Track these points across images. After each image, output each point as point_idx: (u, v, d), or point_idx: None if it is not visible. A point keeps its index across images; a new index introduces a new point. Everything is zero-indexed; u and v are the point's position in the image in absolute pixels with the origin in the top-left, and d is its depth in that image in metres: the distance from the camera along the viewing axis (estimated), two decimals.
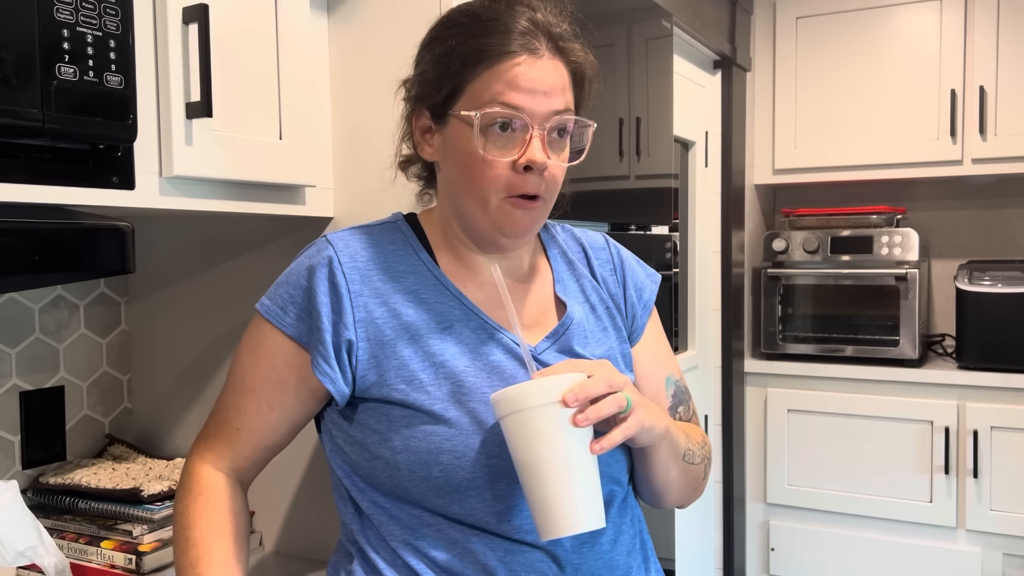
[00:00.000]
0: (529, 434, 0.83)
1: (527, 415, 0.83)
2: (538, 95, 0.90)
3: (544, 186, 0.93)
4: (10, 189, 0.90)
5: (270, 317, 0.96)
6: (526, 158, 0.90)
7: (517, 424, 0.84)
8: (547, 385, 0.84)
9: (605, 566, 0.95)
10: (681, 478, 1.02)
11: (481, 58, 0.90)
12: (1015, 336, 2.60)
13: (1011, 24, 2.69)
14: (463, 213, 0.96)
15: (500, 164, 0.91)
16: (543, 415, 0.83)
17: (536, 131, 0.90)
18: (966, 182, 3.06)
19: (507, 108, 0.89)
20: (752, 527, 3.00)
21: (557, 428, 0.83)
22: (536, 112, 0.90)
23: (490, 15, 0.92)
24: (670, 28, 1.95)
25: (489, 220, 0.94)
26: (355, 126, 1.36)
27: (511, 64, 0.90)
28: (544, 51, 0.91)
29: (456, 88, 0.92)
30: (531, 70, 0.90)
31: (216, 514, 0.96)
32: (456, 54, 0.92)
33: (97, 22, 0.91)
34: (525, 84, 0.89)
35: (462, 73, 0.91)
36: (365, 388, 0.94)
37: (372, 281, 0.95)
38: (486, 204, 0.93)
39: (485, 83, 0.90)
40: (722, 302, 2.89)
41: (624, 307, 1.08)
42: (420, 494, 0.91)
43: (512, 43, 0.90)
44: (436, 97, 0.94)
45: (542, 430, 0.83)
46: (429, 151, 0.98)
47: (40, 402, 1.45)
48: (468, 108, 0.91)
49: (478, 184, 0.92)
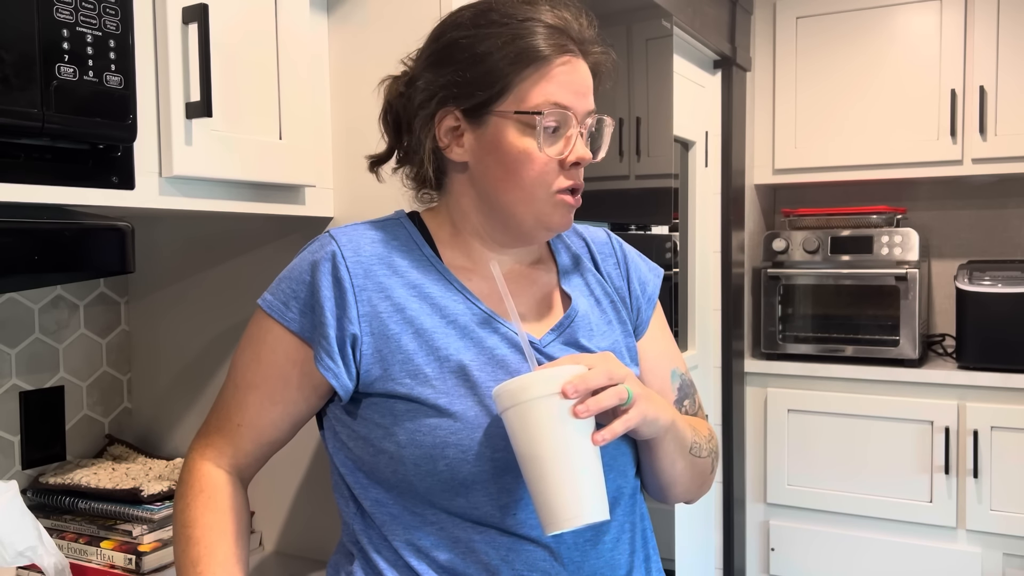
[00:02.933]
0: (530, 426, 0.83)
1: (527, 407, 0.83)
2: (580, 96, 0.95)
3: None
4: (10, 189, 0.90)
5: (272, 312, 0.96)
6: (575, 155, 0.94)
7: (518, 416, 0.84)
8: (547, 377, 0.84)
9: (607, 564, 0.95)
10: (688, 472, 1.01)
11: (531, 59, 0.92)
12: (1015, 336, 2.60)
13: (1011, 24, 2.69)
14: (505, 211, 0.97)
15: (550, 162, 0.94)
16: (543, 406, 0.83)
17: (583, 129, 0.95)
18: (966, 182, 3.06)
19: (562, 109, 0.93)
20: (752, 527, 3.00)
21: (557, 419, 0.83)
22: (579, 111, 0.95)
23: (525, 15, 0.94)
24: (670, 28, 1.95)
25: (534, 215, 0.96)
26: (355, 126, 1.36)
27: (558, 64, 0.93)
28: (578, 52, 0.95)
29: (504, 88, 0.93)
30: (574, 71, 0.94)
31: (217, 512, 0.96)
32: (502, 54, 0.92)
33: (97, 22, 0.91)
34: (572, 86, 0.94)
35: (511, 74, 0.93)
36: (369, 383, 0.94)
37: (376, 276, 0.95)
38: (532, 200, 0.95)
39: (534, 84, 0.92)
40: (722, 302, 2.89)
41: (629, 301, 1.08)
42: (425, 488, 0.91)
43: (555, 44, 0.93)
44: (477, 97, 0.94)
45: (542, 421, 0.83)
46: (458, 151, 0.97)
47: (40, 402, 1.45)
48: (516, 107, 0.93)
49: (527, 181, 0.94)
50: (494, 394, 0.86)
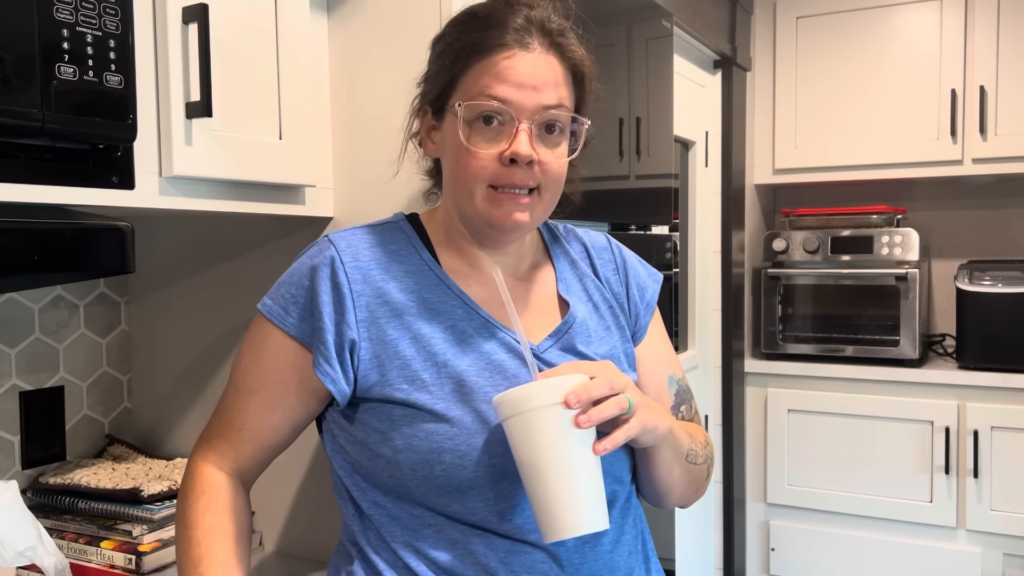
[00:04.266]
0: (532, 436, 0.83)
1: (529, 417, 0.83)
2: (527, 88, 0.90)
3: (536, 180, 0.93)
4: (10, 189, 0.90)
5: (272, 317, 0.96)
6: (511, 151, 0.91)
7: (519, 426, 0.84)
8: (549, 387, 0.84)
9: (606, 567, 0.95)
10: (684, 478, 1.01)
11: (473, 52, 0.92)
12: (1015, 336, 2.60)
13: (1011, 24, 2.69)
14: (457, 206, 0.98)
15: (486, 156, 0.91)
16: (545, 416, 0.83)
17: (524, 124, 0.91)
18: (966, 182, 3.06)
19: (493, 100, 0.90)
20: (752, 527, 3.00)
21: (559, 429, 0.83)
22: (524, 105, 0.90)
23: (487, 11, 0.94)
24: (670, 28, 1.95)
25: (476, 212, 0.95)
26: (355, 126, 1.36)
27: (501, 57, 0.91)
28: (536, 45, 0.92)
29: (450, 82, 0.94)
30: (520, 63, 0.91)
31: (218, 514, 0.96)
32: (451, 49, 0.94)
33: (97, 22, 0.91)
34: (514, 77, 0.90)
35: (455, 67, 0.93)
36: (367, 388, 0.94)
37: (374, 280, 0.95)
38: (472, 195, 0.94)
39: (475, 76, 0.92)
40: (722, 302, 2.89)
41: (627, 306, 1.08)
42: (422, 493, 0.91)
43: (505, 37, 0.91)
44: (433, 92, 0.96)
45: (544, 431, 0.83)
46: (432, 147, 1.00)
47: (40, 402, 1.45)
48: (460, 100, 0.92)
49: (464, 175, 0.93)
50: (495, 402, 0.86)
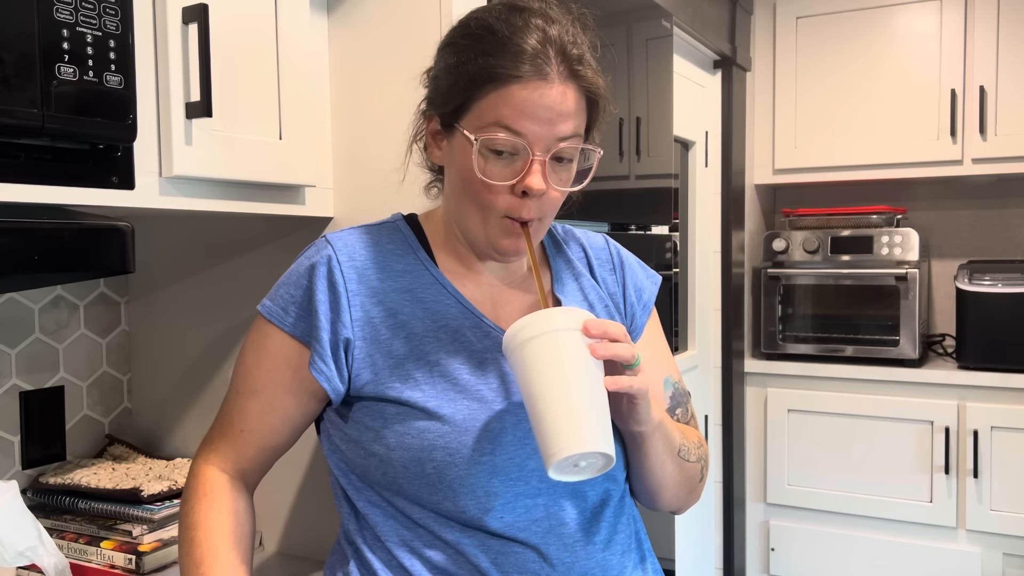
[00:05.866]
0: (550, 356, 0.82)
1: (550, 337, 0.83)
2: (543, 122, 0.88)
3: (540, 210, 0.93)
4: (10, 189, 0.90)
5: (272, 318, 0.97)
6: (524, 184, 0.89)
7: (538, 347, 0.83)
8: (570, 312, 0.85)
9: (598, 565, 0.95)
10: (676, 475, 1.01)
11: (489, 78, 0.88)
12: (1015, 336, 2.60)
13: (1011, 24, 2.69)
14: (461, 224, 0.97)
15: (498, 187, 0.91)
16: (565, 337, 0.83)
17: (537, 156, 0.89)
18: (966, 182, 3.06)
19: (509, 133, 0.88)
20: (752, 527, 3.00)
21: (578, 351, 0.83)
22: (540, 138, 0.89)
23: (504, 31, 0.89)
24: (670, 28, 1.95)
25: (484, 236, 0.95)
26: (355, 126, 1.36)
27: (519, 88, 0.87)
28: (555, 75, 0.88)
29: (462, 104, 0.91)
30: (539, 96, 0.87)
31: (220, 515, 0.96)
32: (465, 69, 0.90)
33: (97, 22, 0.91)
34: (531, 111, 0.87)
35: (469, 91, 0.90)
36: (360, 386, 0.94)
37: (369, 280, 0.96)
38: (482, 222, 0.94)
39: (491, 104, 0.88)
40: (722, 302, 2.89)
41: (623, 307, 1.08)
42: (414, 491, 0.92)
43: (522, 66, 0.87)
44: (446, 107, 0.93)
45: (563, 351, 0.82)
46: (437, 154, 0.99)
47: (40, 402, 1.45)
48: (472, 126, 0.90)
49: (475, 202, 0.93)
50: (513, 328, 0.84)
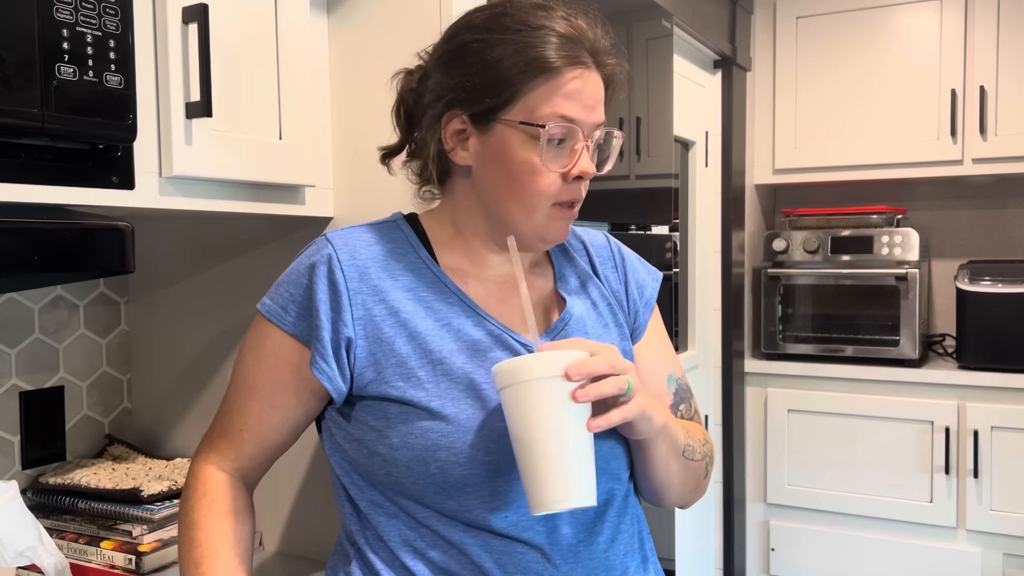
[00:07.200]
0: (528, 406, 0.82)
1: (527, 387, 0.82)
2: (588, 109, 0.93)
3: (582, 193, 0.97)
4: (10, 189, 0.90)
5: (271, 317, 0.97)
6: (579, 168, 0.93)
7: (516, 395, 0.83)
8: (550, 359, 0.83)
9: (601, 566, 0.95)
10: (681, 474, 1.01)
11: (541, 70, 0.91)
12: (1015, 336, 2.60)
13: (1011, 24, 2.69)
14: (504, 219, 0.96)
15: (553, 174, 0.93)
16: (543, 387, 0.82)
17: (587, 142, 0.94)
18: (966, 182, 3.06)
19: (568, 122, 0.92)
20: (752, 527, 3.00)
21: (556, 401, 0.82)
22: (587, 124, 0.93)
23: (539, 23, 0.93)
24: (670, 28, 1.95)
25: (532, 226, 0.95)
26: (355, 126, 1.35)
27: (569, 78, 0.92)
28: (591, 63, 0.94)
29: (511, 96, 0.92)
30: (585, 84, 0.93)
31: (220, 514, 0.96)
32: (512, 62, 0.91)
33: (97, 22, 0.91)
34: (580, 98, 0.92)
35: (520, 83, 0.91)
36: (363, 386, 0.94)
37: (371, 279, 0.95)
38: (532, 211, 0.94)
39: (543, 95, 0.91)
40: (722, 302, 2.89)
41: (626, 304, 1.08)
42: (417, 491, 0.92)
43: (567, 56, 0.92)
44: (485, 103, 0.93)
45: (540, 402, 0.82)
46: (463, 155, 0.97)
47: (40, 402, 1.45)
48: (523, 117, 0.91)
49: (528, 192, 0.93)
50: (494, 371, 0.85)
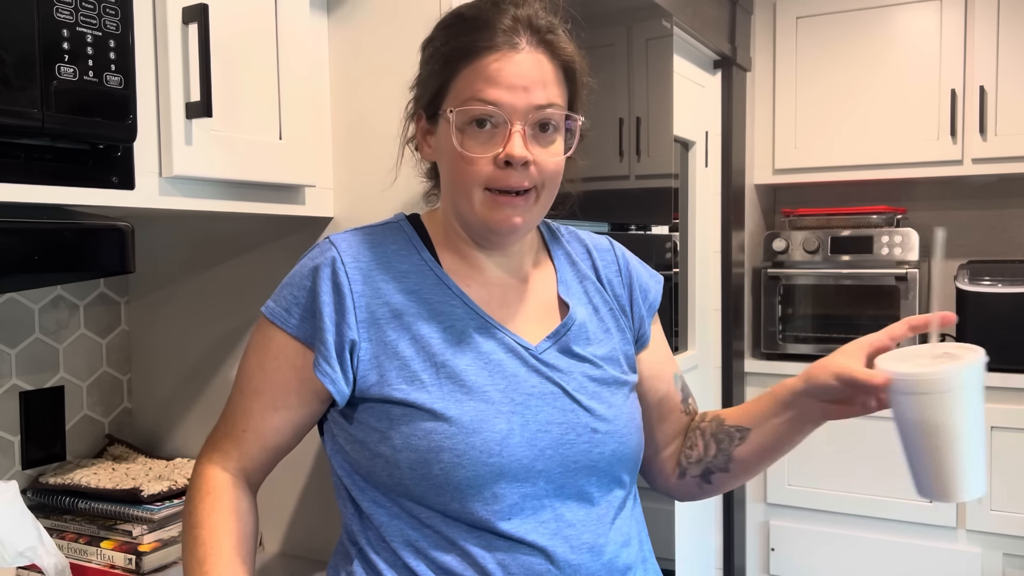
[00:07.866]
0: (962, 405, 0.92)
1: (967, 392, 0.92)
2: (517, 90, 0.90)
3: (532, 180, 0.93)
4: (10, 189, 0.90)
5: (275, 319, 0.97)
6: (505, 153, 0.91)
7: (951, 399, 0.92)
8: (980, 365, 0.95)
9: (604, 567, 0.95)
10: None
11: (461, 56, 0.92)
12: (1015, 336, 2.60)
13: (1011, 24, 2.69)
14: (456, 210, 0.98)
15: (482, 160, 0.92)
16: (975, 391, 0.93)
17: (516, 126, 0.91)
18: (966, 182, 3.06)
19: (484, 104, 0.90)
20: (752, 527, 3.00)
21: (980, 403, 0.94)
22: (516, 107, 0.91)
23: (474, 13, 0.94)
24: (670, 28, 1.95)
25: (476, 216, 0.95)
26: (355, 126, 1.36)
27: (491, 60, 0.91)
28: (524, 45, 0.91)
29: (441, 87, 0.94)
30: (509, 65, 0.91)
31: (223, 514, 0.96)
32: (439, 54, 0.94)
33: (97, 22, 0.91)
34: (503, 79, 0.90)
35: (444, 72, 0.93)
36: (366, 388, 0.94)
37: (374, 281, 0.96)
38: (471, 200, 0.94)
39: (466, 81, 0.92)
40: (722, 302, 2.89)
41: (630, 309, 1.09)
42: (420, 492, 0.92)
43: (493, 39, 0.91)
44: (426, 98, 0.97)
45: (973, 402, 0.93)
46: (428, 151, 1.01)
47: (40, 402, 1.45)
48: (452, 106, 0.93)
49: (461, 180, 0.94)
50: (919, 378, 0.92)
